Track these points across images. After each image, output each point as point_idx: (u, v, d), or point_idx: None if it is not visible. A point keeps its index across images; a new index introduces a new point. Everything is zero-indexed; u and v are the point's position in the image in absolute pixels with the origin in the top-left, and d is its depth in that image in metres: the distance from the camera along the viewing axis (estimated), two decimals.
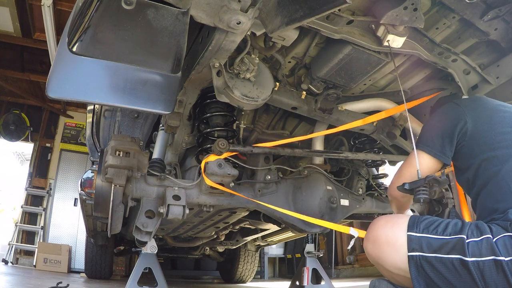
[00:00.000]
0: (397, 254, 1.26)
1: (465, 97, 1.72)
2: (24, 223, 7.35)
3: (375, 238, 1.34)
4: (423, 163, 1.51)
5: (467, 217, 1.96)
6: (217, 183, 1.81)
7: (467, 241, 1.16)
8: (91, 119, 3.24)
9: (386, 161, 2.48)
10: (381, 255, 1.31)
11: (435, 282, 1.19)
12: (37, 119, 8.07)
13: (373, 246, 1.34)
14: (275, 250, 7.11)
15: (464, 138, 1.48)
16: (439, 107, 1.68)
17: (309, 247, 2.83)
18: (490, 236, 1.16)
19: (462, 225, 1.22)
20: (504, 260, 1.10)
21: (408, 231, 1.25)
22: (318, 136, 2.28)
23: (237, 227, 2.95)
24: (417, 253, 1.21)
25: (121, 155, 1.63)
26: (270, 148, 1.99)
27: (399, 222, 1.31)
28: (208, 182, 1.76)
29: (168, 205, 1.68)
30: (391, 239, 1.28)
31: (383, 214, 2.50)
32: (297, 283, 2.73)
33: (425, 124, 1.68)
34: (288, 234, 3.51)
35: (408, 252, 1.23)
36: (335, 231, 6.42)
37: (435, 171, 1.53)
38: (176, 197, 1.71)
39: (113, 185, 1.65)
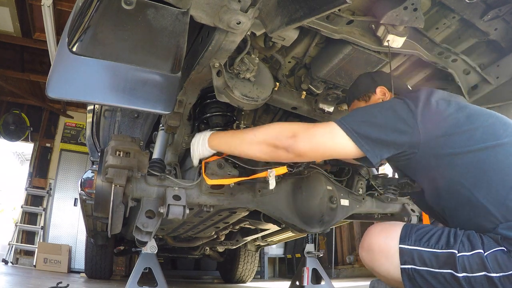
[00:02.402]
0: (390, 265, 1.25)
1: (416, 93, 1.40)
2: (24, 223, 7.35)
3: (369, 246, 1.33)
4: (337, 147, 1.32)
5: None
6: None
7: (458, 255, 1.14)
8: (91, 119, 3.24)
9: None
10: (375, 264, 1.31)
11: None
12: (37, 119, 8.07)
13: (367, 254, 1.34)
14: (275, 250, 7.11)
15: (414, 151, 1.29)
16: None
17: (309, 247, 2.83)
18: (482, 251, 1.13)
19: (455, 236, 1.19)
20: (495, 276, 1.08)
21: (400, 243, 1.23)
22: None
23: (237, 227, 2.95)
24: (409, 266, 1.20)
25: (121, 155, 1.63)
26: None
27: (392, 231, 1.29)
28: (209, 181, 1.76)
29: (169, 205, 1.67)
30: (384, 248, 1.28)
31: (383, 214, 2.50)
32: (297, 283, 2.73)
33: (365, 108, 1.44)
34: (288, 234, 3.51)
35: (401, 264, 1.22)
36: (335, 231, 6.43)
37: (348, 157, 1.38)
38: (177, 197, 1.71)
39: (113, 185, 1.64)
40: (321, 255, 3.02)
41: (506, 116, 1.37)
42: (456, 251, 1.15)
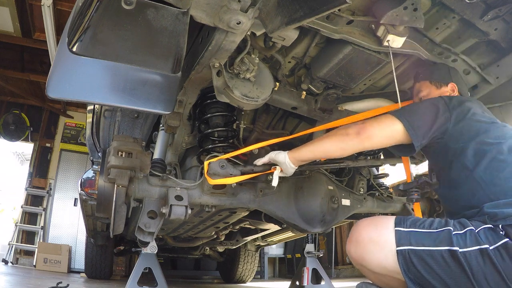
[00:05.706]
0: (382, 252, 1.27)
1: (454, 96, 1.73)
2: (24, 223, 7.35)
3: (358, 238, 1.34)
4: (394, 132, 1.53)
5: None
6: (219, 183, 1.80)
7: (453, 233, 1.21)
8: (91, 119, 3.24)
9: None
10: (365, 255, 1.32)
11: (424, 276, 1.21)
12: (37, 119, 8.07)
13: (356, 247, 1.34)
14: (275, 250, 7.11)
15: (442, 136, 1.51)
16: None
17: (309, 247, 2.83)
18: (473, 228, 1.21)
19: (446, 221, 1.28)
20: (488, 248, 1.15)
21: (396, 227, 1.28)
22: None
23: (237, 227, 2.95)
24: (406, 247, 1.23)
25: (123, 156, 1.63)
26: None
27: (382, 222, 1.34)
28: (211, 181, 1.76)
29: (171, 205, 1.67)
30: (375, 237, 1.30)
31: (384, 214, 2.50)
32: (297, 283, 2.74)
33: (413, 104, 1.73)
34: (288, 234, 3.51)
35: (397, 247, 1.24)
36: (335, 231, 6.43)
37: (398, 143, 1.56)
38: (179, 198, 1.71)
39: (115, 185, 1.64)
40: (321, 255, 3.02)
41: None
42: (452, 228, 1.23)
